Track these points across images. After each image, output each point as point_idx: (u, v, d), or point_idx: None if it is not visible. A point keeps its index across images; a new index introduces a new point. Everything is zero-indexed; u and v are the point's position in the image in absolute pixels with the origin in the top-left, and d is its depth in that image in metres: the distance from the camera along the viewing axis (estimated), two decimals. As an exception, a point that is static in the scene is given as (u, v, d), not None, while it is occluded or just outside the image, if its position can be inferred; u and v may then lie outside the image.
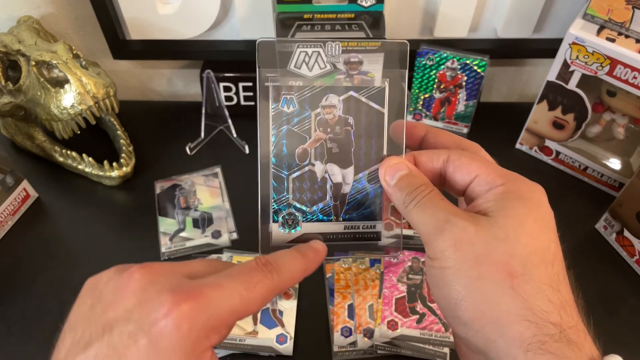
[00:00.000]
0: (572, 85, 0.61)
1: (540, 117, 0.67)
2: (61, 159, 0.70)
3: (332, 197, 0.36)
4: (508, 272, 0.27)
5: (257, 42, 0.37)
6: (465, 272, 0.28)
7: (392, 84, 0.39)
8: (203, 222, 0.65)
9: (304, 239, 0.36)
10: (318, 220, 0.36)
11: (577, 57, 0.59)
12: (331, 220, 0.36)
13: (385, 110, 0.37)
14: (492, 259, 0.28)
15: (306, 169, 0.36)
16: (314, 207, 0.36)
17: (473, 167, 0.32)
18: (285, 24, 0.60)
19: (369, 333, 0.55)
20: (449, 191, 0.33)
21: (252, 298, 0.29)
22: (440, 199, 0.31)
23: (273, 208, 0.37)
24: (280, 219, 0.36)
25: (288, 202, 0.36)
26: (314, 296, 0.58)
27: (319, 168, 0.36)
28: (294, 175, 0.37)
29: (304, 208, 0.36)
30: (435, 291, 0.30)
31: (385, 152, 0.36)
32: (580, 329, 0.28)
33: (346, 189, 0.36)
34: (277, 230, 0.36)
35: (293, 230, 0.36)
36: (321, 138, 0.37)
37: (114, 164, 0.68)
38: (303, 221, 0.36)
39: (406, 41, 0.37)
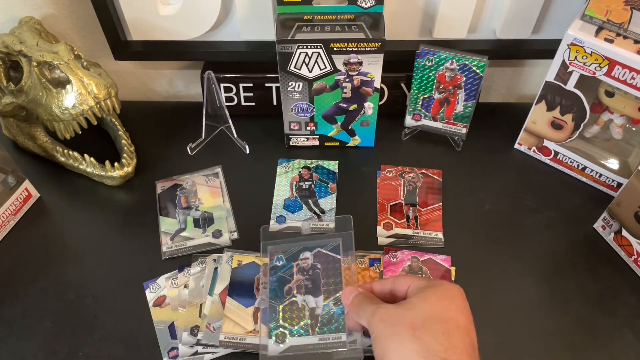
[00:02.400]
0: (570, 85, 0.62)
1: (538, 117, 0.67)
2: (63, 159, 0.70)
3: (309, 317, 0.53)
4: (412, 327, 0.41)
5: (261, 228, 0.61)
6: (386, 333, 0.42)
7: (344, 241, 0.58)
8: (204, 221, 0.65)
9: (290, 350, 0.52)
10: (300, 335, 0.52)
11: (576, 57, 0.59)
12: (309, 335, 0.52)
13: (341, 256, 0.57)
14: (403, 321, 0.42)
15: (291, 299, 0.55)
16: (297, 326, 0.53)
17: (408, 279, 0.47)
18: (285, 25, 0.60)
19: (369, 332, 0.55)
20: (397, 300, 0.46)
21: None
22: (375, 300, 0.46)
23: (270, 327, 0.53)
24: (273, 336, 0.53)
25: (279, 323, 0.54)
26: (314, 295, 0.59)
27: (299, 299, 0.55)
28: (284, 304, 0.55)
29: (289, 327, 0.53)
30: (375, 353, 0.43)
31: (343, 285, 0.54)
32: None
33: (318, 311, 0.54)
34: (272, 345, 0.52)
35: (281, 345, 0.52)
36: (300, 279, 0.56)
37: (116, 164, 0.68)
38: (289, 336, 0.52)
39: (350, 215, 0.60)
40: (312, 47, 0.60)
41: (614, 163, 0.67)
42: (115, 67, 0.79)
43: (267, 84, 0.74)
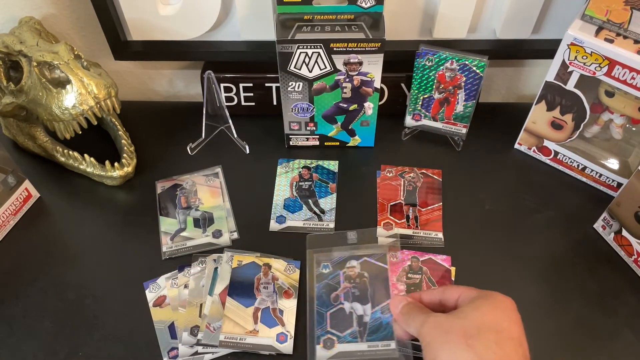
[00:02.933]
0: (570, 85, 0.62)
1: (538, 117, 0.67)
2: (63, 159, 0.70)
3: (357, 325, 0.54)
4: (464, 336, 0.41)
5: (307, 236, 0.60)
6: (438, 341, 0.42)
7: (391, 251, 0.59)
8: (204, 221, 0.65)
9: (338, 356, 0.52)
10: (348, 342, 0.53)
11: (576, 57, 0.59)
12: (357, 342, 0.53)
13: (388, 266, 0.57)
14: (454, 329, 0.42)
15: (338, 307, 0.55)
16: (345, 333, 0.53)
17: (459, 289, 0.46)
18: (285, 25, 0.60)
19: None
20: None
21: None
22: (425, 310, 0.47)
23: (317, 334, 0.53)
24: (322, 342, 0.53)
25: (327, 329, 0.54)
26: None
27: (347, 306, 0.55)
28: (331, 311, 0.55)
29: (337, 333, 0.53)
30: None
31: (390, 294, 0.55)
32: None
33: (366, 319, 0.54)
34: (320, 350, 0.52)
35: (329, 351, 0.52)
36: (347, 287, 0.56)
37: (116, 164, 0.68)
38: (337, 343, 0.53)
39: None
40: (312, 47, 0.60)
41: (614, 163, 0.67)
42: (115, 67, 0.79)
43: (267, 84, 0.74)
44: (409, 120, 0.73)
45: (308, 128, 0.71)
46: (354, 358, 0.52)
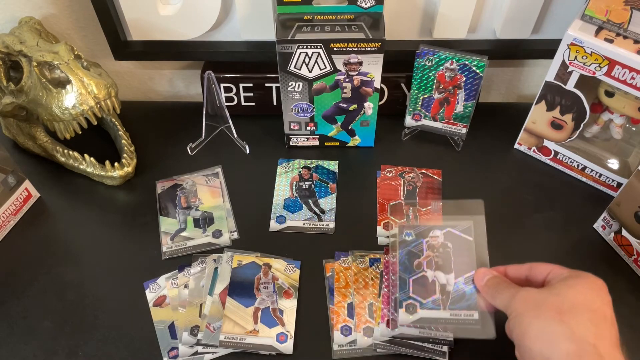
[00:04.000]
0: (570, 85, 0.62)
1: (538, 117, 0.67)
2: (63, 159, 0.70)
3: (440, 293, 0.54)
4: (558, 311, 0.41)
5: (388, 205, 0.63)
6: (529, 313, 0.43)
7: (476, 224, 0.56)
8: (204, 221, 0.65)
9: (420, 321, 0.53)
10: (430, 309, 0.53)
11: (576, 57, 0.59)
12: (439, 309, 0.53)
13: (472, 238, 0.56)
14: (547, 304, 0.42)
15: (421, 274, 0.55)
16: (427, 300, 0.53)
17: (548, 266, 0.48)
18: (285, 25, 0.61)
19: (368, 332, 0.55)
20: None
21: None
22: (513, 284, 0.48)
23: (400, 299, 0.54)
24: (404, 306, 0.54)
25: (409, 295, 0.54)
26: (314, 295, 0.59)
27: (429, 274, 0.55)
28: (413, 278, 0.55)
29: (420, 300, 0.54)
30: (513, 334, 0.44)
31: (475, 265, 0.54)
32: (613, 352, 0.40)
33: (449, 288, 0.54)
34: (402, 314, 0.53)
35: (412, 316, 0.53)
36: (430, 255, 0.56)
37: (116, 164, 0.68)
38: (420, 309, 0.53)
39: (481, 200, 0.57)
40: (312, 47, 0.60)
41: (614, 163, 0.67)
42: (116, 67, 0.79)
43: (267, 84, 0.74)
44: (409, 120, 0.73)
45: (308, 128, 0.71)
46: (436, 324, 0.53)
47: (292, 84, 0.65)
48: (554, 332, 0.40)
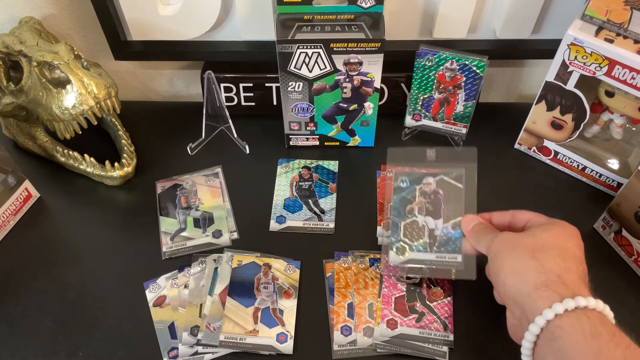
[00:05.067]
0: (570, 85, 0.62)
1: (538, 117, 0.67)
2: (63, 159, 0.70)
3: (428, 237, 0.58)
4: (531, 249, 0.46)
5: (388, 150, 0.61)
6: (505, 252, 0.47)
7: (468, 171, 0.60)
8: (204, 221, 0.65)
9: (409, 262, 0.57)
10: (419, 251, 0.57)
11: (576, 57, 0.59)
12: (427, 252, 0.57)
13: (463, 186, 0.59)
14: (522, 244, 0.47)
15: (412, 219, 0.59)
16: (416, 243, 0.57)
17: (528, 215, 0.52)
18: (285, 25, 0.61)
19: (368, 332, 0.55)
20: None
21: None
22: (495, 230, 0.52)
23: (392, 240, 0.58)
24: (395, 248, 0.58)
25: (400, 237, 0.58)
26: (314, 295, 0.59)
27: (420, 219, 0.59)
28: (405, 222, 0.59)
29: (409, 242, 0.58)
30: (490, 271, 0.49)
31: (463, 212, 0.57)
32: (577, 282, 0.44)
33: (437, 232, 0.58)
34: (393, 255, 0.57)
35: (402, 256, 0.57)
36: (422, 202, 0.60)
37: (116, 164, 0.68)
38: (409, 251, 0.57)
39: (475, 147, 0.59)
40: (312, 47, 0.60)
41: (614, 163, 0.67)
42: (116, 67, 0.79)
43: (267, 84, 0.74)
44: (409, 120, 0.73)
45: (308, 128, 0.71)
46: (422, 265, 0.56)
47: (292, 84, 0.65)
48: (526, 266, 0.44)
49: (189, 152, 0.73)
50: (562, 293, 0.42)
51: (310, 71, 0.63)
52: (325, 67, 0.63)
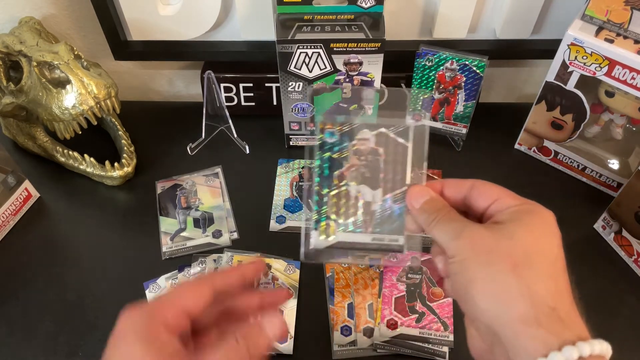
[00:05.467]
0: (570, 85, 0.62)
1: (539, 117, 0.67)
2: (63, 159, 0.70)
3: (363, 213, 0.43)
4: (512, 262, 0.33)
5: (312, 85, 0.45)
6: (477, 259, 0.34)
7: (417, 127, 0.45)
8: (204, 221, 0.65)
9: (337, 245, 0.43)
10: (350, 232, 0.43)
11: (576, 57, 0.59)
12: (361, 232, 0.43)
13: (410, 145, 0.44)
14: (500, 251, 0.34)
15: (343, 188, 0.43)
16: (348, 220, 0.43)
17: (494, 192, 0.38)
18: (285, 25, 0.60)
19: (368, 332, 0.55)
20: (470, 217, 0.39)
21: None
22: (457, 215, 0.38)
23: (315, 218, 0.43)
24: (319, 227, 0.43)
25: (327, 214, 0.43)
26: (314, 295, 0.59)
27: (353, 188, 0.43)
28: (333, 192, 0.43)
29: (339, 220, 0.43)
30: (454, 280, 0.36)
31: (408, 179, 0.43)
32: (572, 313, 0.34)
33: (375, 206, 0.43)
34: (316, 237, 0.43)
35: (329, 238, 0.43)
36: (356, 164, 0.44)
37: (116, 164, 0.68)
38: (338, 231, 0.43)
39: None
40: (312, 47, 0.60)
41: (614, 163, 0.67)
42: (115, 67, 0.79)
43: (267, 84, 0.74)
44: (409, 121, 0.73)
45: (308, 128, 0.71)
46: (355, 249, 0.44)
47: (292, 84, 0.65)
48: (507, 287, 0.33)
49: (189, 152, 0.73)
50: (559, 334, 0.32)
51: (310, 71, 0.63)
52: (325, 67, 0.63)
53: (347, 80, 0.64)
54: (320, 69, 0.63)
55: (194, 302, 0.36)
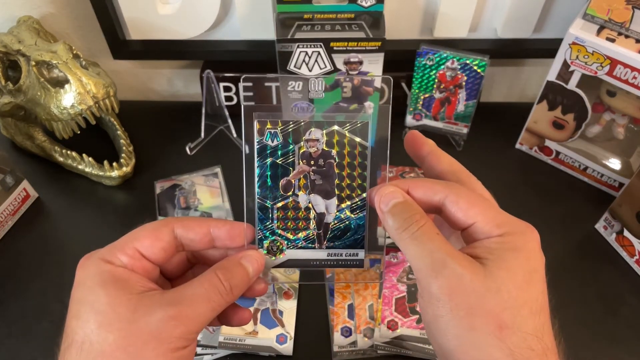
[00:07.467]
0: (572, 85, 0.61)
1: (540, 117, 0.67)
2: (61, 159, 0.70)
3: (316, 226, 0.38)
4: (498, 325, 0.30)
5: (241, 78, 0.39)
6: (458, 322, 0.30)
7: (381, 112, 0.40)
8: (203, 222, 0.65)
9: (288, 264, 0.38)
10: (302, 248, 0.38)
11: (577, 57, 0.59)
12: (314, 248, 0.38)
13: (369, 144, 0.39)
14: (484, 310, 0.30)
15: (290, 199, 0.38)
16: (298, 235, 0.38)
17: (472, 214, 0.34)
18: (285, 24, 0.60)
19: (369, 333, 0.55)
20: (446, 223, 0.35)
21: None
22: (436, 233, 0.33)
23: (259, 236, 0.38)
24: (265, 245, 0.38)
25: (272, 230, 0.38)
26: (314, 296, 0.58)
27: (302, 198, 0.38)
28: (279, 205, 0.38)
29: (288, 236, 0.38)
30: (429, 333, 0.33)
31: (368, 185, 0.39)
32: None
33: (329, 218, 0.38)
34: (262, 255, 0.38)
35: (276, 257, 0.38)
36: (305, 170, 0.38)
37: (114, 164, 0.68)
38: (287, 248, 0.38)
39: (390, 77, 0.42)
40: (312, 46, 0.60)
41: (615, 163, 0.66)
42: (114, 67, 0.79)
43: (266, 84, 0.74)
44: (409, 120, 0.73)
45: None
46: (309, 267, 0.39)
47: (291, 84, 0.65)
48: (486, 348, 0.30)
49: (188, 152, 0.73)
50: None
51: (310, 70, 0.63)
52: (325, 67, 0.63)
53: (347, 79, 0.64)
54: (320, 68, 0.63)
55: (150, 244, 0.36)
